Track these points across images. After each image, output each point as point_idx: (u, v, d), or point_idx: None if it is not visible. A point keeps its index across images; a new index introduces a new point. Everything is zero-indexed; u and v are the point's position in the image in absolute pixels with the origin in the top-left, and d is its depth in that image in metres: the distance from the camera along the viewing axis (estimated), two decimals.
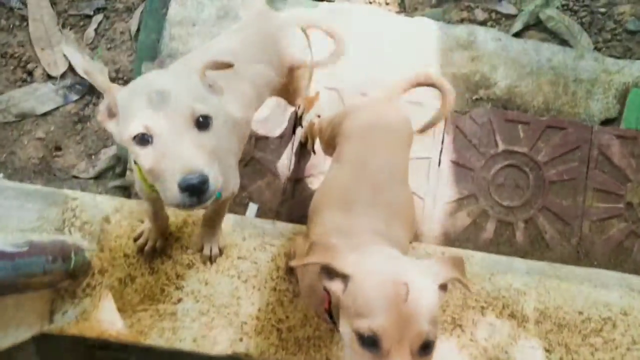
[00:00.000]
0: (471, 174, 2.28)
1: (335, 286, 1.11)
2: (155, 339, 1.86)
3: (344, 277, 1.09)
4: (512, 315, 1.89)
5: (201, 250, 1.87)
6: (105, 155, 2.43)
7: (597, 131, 2.29)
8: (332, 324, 1.29)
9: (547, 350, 1.88)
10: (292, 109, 2.30)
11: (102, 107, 1.22)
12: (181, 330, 1.86)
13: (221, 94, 1.30)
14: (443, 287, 1.13)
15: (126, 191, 2.34)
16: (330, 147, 1.77)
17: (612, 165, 2.28)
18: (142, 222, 1.89)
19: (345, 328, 1.07)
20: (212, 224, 1.79)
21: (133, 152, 1.16)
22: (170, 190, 1.09)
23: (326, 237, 1.33)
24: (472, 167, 2.28)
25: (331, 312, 1.25)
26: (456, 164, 2.28)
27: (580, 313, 1.90)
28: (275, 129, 2.30)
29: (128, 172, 2.30)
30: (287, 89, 1.87)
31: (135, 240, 1.87)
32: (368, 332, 1.00)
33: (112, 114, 1.21)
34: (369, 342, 1.01)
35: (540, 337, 1.88)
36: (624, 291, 1.92)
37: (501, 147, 2.28)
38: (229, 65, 1.26)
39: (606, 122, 2.36)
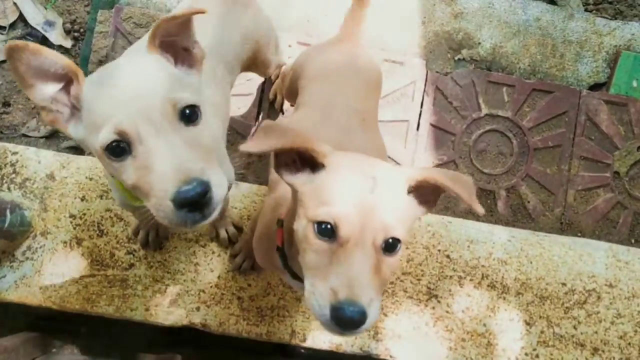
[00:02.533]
0: (451, 139, 2.13)
1: (301, 179, 0.97)
2: (103, 308, 1.70)
3: (313, 168, 0.96)
4: (491, 286, 1.76)
5: (218, 237, 1.70)
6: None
7: (585, 96, 2.16)
8: (283, 266, 1.15)
9: (528, 323, 1.76)
10: None
11: (45, 100, 0.93)
12: (132, 299, 1.70)
13: (200, 68, 1.04)
14: (421, 196, 0.98)
15: (80, 152, 2.15)
16: (292, 93, 1.61)
17: (599, 132, 2.15)
18: (91, 179, 1.72)
19: (301, 221, 0.94)
20: None
21: (108, 165, 0.91)
22: (164, 209, 0.86)
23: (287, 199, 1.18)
24: (452, 131, 2.13)
25: (283, 250, 1.12)
26: (436, 127, 2.13)
27: (564, 284, 1.78)
28: (243, 87, 2.13)
29: None
30: (256, 62, 1.66)
31: (135, 235, 1.70)
32: (326, 218, 0.88)
33: (72, 112, 0.94)
34: (326, 231, 0.89)
35: (521, 309, 1.76)
36: (610, 262, 1.80)
37: (484, 110, 2.14)
38: (201, 11, 1.00)
39: (595, 87, 2.23)
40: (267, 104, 2.12)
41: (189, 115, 0.92)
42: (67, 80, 0.93)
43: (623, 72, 2.19)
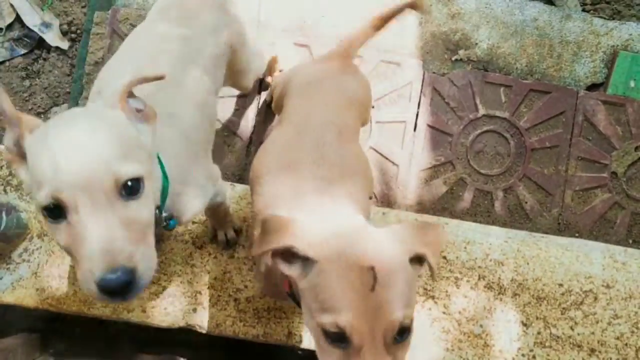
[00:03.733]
0: (449, 140, 2.13)
1: (295, 271, 0.95)
2: (100, 309, 1.70)
3: (305, 261, 0.94)
4: (488, 287, 1.76)
5: (216, 238, 1.70)
6: (55, 114, 2.24)
7: (582, 96, 2.16)
8: (297, 305, 1.14)
9: (525, 324, 1.76)
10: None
11: (7, 141, 0.93)
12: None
13: (154, 119, 1.01)
14: (418, 259, 0.98)
15: None
16: (279, 108, 1.61)
17: (597, 132, 2.15)
18: None
19: (309, 322, 0.93)
20: (217, 217, 1.61)
21: (43, 222, 0.93)
22: (88, 286, 0.85)
23: (270, 209, 1.17)
24: (449, 132, 2.13)
25: (293, 293, 1.10)
26: (433, 128, 2.13)
27: (560, 285, 1.78)
28: None
29: None
30: (233, 70, 1.62)
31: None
32: (334, 329, 0.87)
33: (22, 153, 0.92)
34: (337, 338, 0.88)
35: (518, 309, 1.76)
36: (607, 263, 1.80)
37: (481, 111, 2.14)
38: (159, 77, 0.99)
39: (592, 87, 2.22)
40: (263, 105, 2.12)
41: (131, 188, 0.89)
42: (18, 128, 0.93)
43: (620, 72, 2.19)
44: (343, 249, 0.92)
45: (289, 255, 0.95)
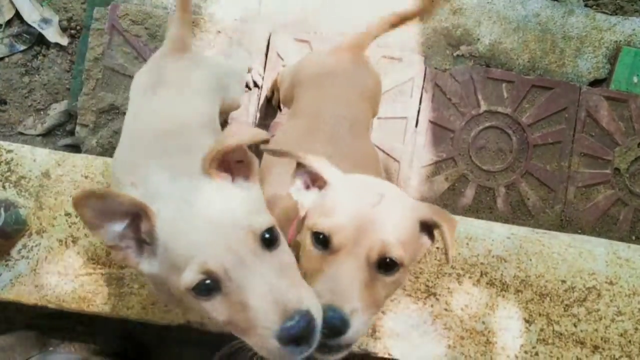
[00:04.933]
0: (450, 136, 2.12)
1: (309, 197, 0.98)
2: (100, 306, 1.69)
3: (321, 186, 0.97)
4: (490, 283, 1.75)
5: None
6: (55, 111, 2.23)
7: (585, 92, 2.14)
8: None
9: (527, 321, 1.74)
10: (258, 62, 2.11)
11: (114, 239, 0.88)
12: (129, 297, 1.69)
13: (256, 177, 0.98)
14: (428, 230, 0.99)
15: (77, 150, 2.14)
16: (289, 100, 1.60)
17: (600, 128, 2.13)
18: (86, 177, 1.71)
19: (304, 233, 0.95)
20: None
21: (193, 304, 0.86)
22: (269, 348, 0.81)
23: (280, 200, 1.17)
24: (451, 128, 2.12)
25: (297, 243, 1.12)
26: (435, 124, 2.12)
27: (563, 282, 1.76)
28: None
29: (78, 129, 2.10)
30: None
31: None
32: (322, 228, 0.89)
33: (140, 245, 0.90)
34: (322, 241, 0.90)
35: (520, 306, 1.75)
36: (611, 259, 1.78)
37: (483, 107, 2.13)
38: (266, 140, 0.97)
39: (595, 83, 2.21)
40: (264, 101, 2.11)
41: (270, 239, 0.87)
42: (133, 216, 0.88)
43: (623, 67, 2.17)
44: (364, 180, 0.97)
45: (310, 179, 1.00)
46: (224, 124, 2.10)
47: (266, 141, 0.97)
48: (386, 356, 1.72)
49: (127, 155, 1.31)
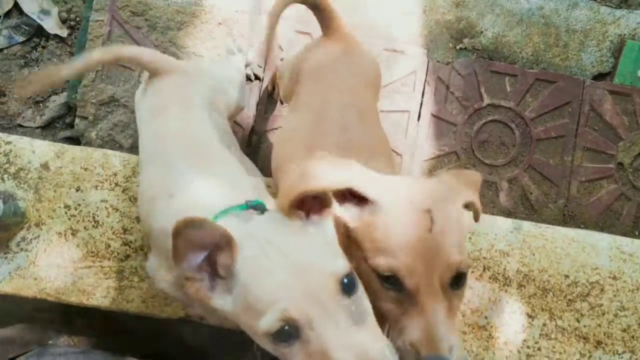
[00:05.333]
0: (453, 129, 2.10)
1: (349, 213, 0.93)
2: (99, 300, 1.67)
3: (362, 203, 0.92)
4: (493, 278, 1.73)
5: None
6: (55, 103, 2.21)
7: (589, 86, 2.12)
8: None
9: (530, 316, 1.73)
10: (257, 53, 2.09)
11: (193, 270, 0.86)
12: (129, 290, 1.68)
13: (330, 213, 0.95)
14: (465, 206, 0.97)
15: (76, 143, 2.12)
16: (289, 94, 1.58)
17: (603, 122, 2.12)
18: (86, 169, 1.70)
19: (359, 263, 0.92)
20: None
21: (268, 348, 0.85)
22: None
23: None
24: (454, 121, 2.10)
25: None
26: (437, 118, 2.10)
27: (567, 276, 1.75)
28: None
29: (77, 121, 2.09)
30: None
31: None
32: (387, 271, 0.86)
33: (213, 279, 0.87)
34: (391, 282, 0.87)
35: (523, 301, 1.73)
36: (614, 254, 1.77)
37: (486, 100, 2.11)
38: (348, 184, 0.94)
39: (599, 77, 2.19)
40: (265, 94, 2.09)
41: (348, 284, 0.84)
42: (213, 247, 0.86)
43: (628, 61, 2.16)
44: (400, 193, 0.92)
45: (342, 197, 0.95)
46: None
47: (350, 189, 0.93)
48: None
49: (155, 174, 1.28)
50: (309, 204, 0.92)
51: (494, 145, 2.11)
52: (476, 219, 0.98)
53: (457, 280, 0.88)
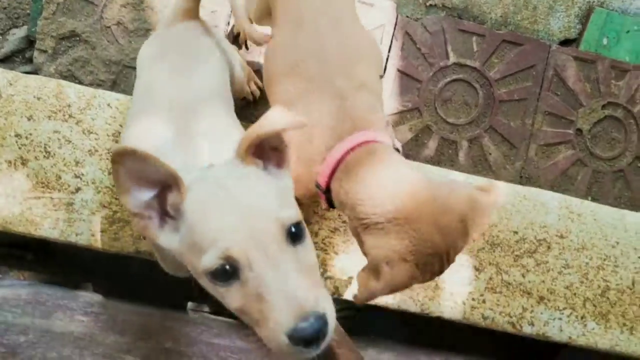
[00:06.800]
0: (417, 86, 2.10)
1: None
2: (47, 231, 1.66)
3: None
4: None
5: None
6: (14, 37, 2.15)
7: (554, 51, 2.13)
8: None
9: (477, 269, 1.77)
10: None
11: (139, 207, 0.86)
12: (78, 223, 1.66)
13: (289, 165, 0.97)
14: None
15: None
16: (264, 14, 1.54)
17: (566, 88, 2.14)
18: (39, 99, 1.66)
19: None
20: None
21: (207, 287, 0.85)
22: (277, 342, 0.81)
23: (289, 106, 1.17)
24: (419, 78, 2.10)
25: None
26: (402, 73, 2.10)
27: (515, 233, 1.79)
28: (208, 18, 2.06)
29: (36, 54, 2.04)
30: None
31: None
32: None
33: (162, 217, 0.88)
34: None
35: (471, 254, 1.77)
36: (563, 213, 1.81)
37: (452, 59, 2.11)
38: (303, 124, 0.94)
39: (565, 42, 2.21)
40: (230, 36, 2.06)
41: (296, 233, 0.85)
42: (163, 186, 0.86)
43: (594, 28, 2.17)
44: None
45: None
46: None
47: (304, 125, 0.93)
48: (335, 297, 1.73)
49: (141, 125, 1.24)
50: (268, 154, 0.94)
51: (457, 104, 2.11)
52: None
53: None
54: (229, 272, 0.81)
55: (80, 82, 2.00)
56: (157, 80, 1.31)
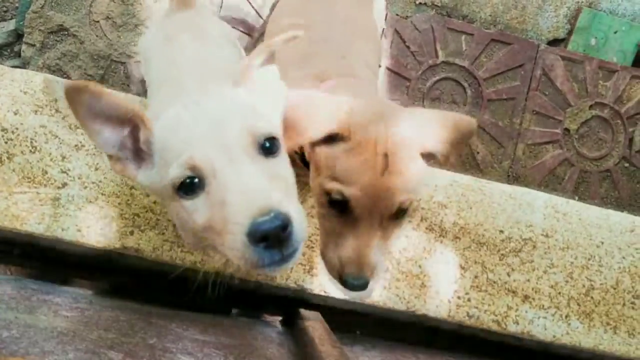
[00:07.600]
0: (406, 84, 2.11)
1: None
2: (33, 226, 1.65)
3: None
4: (429, 229, 1.77)
5: None
6: (2, 30, 2.13)
7: (543, 50, 2.14)
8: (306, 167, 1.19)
9: (463, 267, 1.77)
10: None
11: (112, 148, 0.85)
12: (64, 218, 1.65)
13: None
14: (430, 155, 1.04)
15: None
16: None
17: (554, 88, 2.15)
18: (25, 93, 1.65)
19: (314, 182, 1.02)
20: None
21: (177, 209, 0.82)
22: (238, 246, 0.75)
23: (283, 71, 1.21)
24: (408, 76, 2.11)
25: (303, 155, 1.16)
26: (391, 71, 2.10)
27: (501, 231, 1.79)
28: None
29: (24, 48, 2.03)
30: None
31: None
32: (339, 196, 0.95)
33: (139, 156, 0.86)
34: (339, 206, 0.97)
35: (457, 253, 1.77)
36: (549, 212, 1.82)
37: (441, 57, 2.12)
38: (295, 37, 0.94)
39: (554, 42, 2.22)
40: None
41: (269, 147, 0.82)
42: (133, 126, 0.85)
43: (582, 29, 2.18)
44: (364, 131, 0.98)
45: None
46: None
47: (297, 36, 0.95)
48: (322, 293, 1.73)
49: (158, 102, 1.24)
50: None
51: (446, 102, 2.12)
52: (445, 163, 1.06)
53: (398, 214, 0.97)
54: (195, 184, 0.79)
55: (68, 77, 1.99)
56: (165, 61, 1.31)
